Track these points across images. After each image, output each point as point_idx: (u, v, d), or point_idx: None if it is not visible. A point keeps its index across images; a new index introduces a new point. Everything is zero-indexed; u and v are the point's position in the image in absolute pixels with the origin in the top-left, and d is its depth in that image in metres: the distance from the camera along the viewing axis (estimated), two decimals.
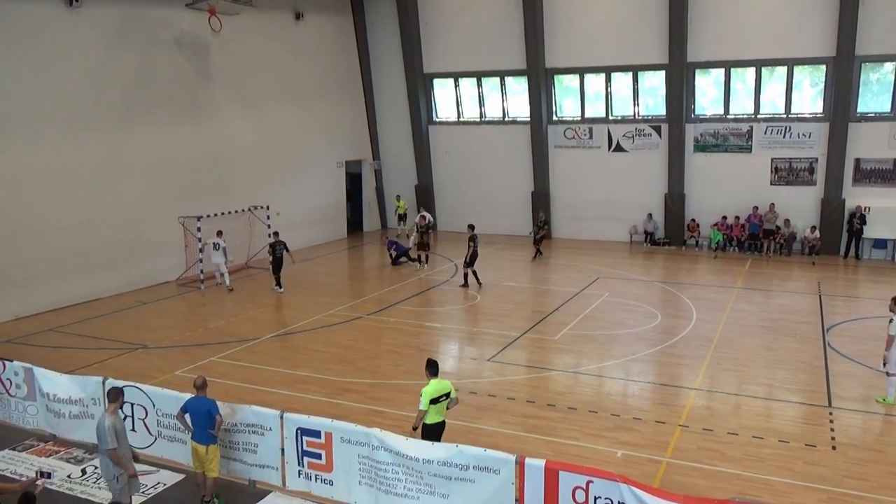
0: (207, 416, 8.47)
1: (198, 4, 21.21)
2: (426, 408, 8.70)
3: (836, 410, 11.64)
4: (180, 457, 9.48)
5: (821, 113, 24.61)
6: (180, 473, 9.48)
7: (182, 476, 9.45)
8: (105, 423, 7.91)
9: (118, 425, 8.05)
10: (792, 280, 21.58)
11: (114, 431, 7.90)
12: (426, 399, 8.68)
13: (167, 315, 18.32)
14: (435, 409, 8.81)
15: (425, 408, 8.70)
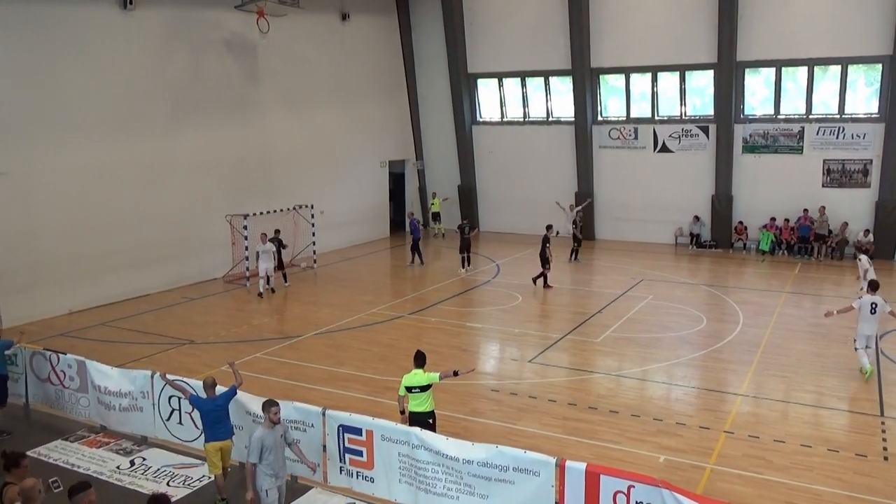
0: (224, 409, 8.70)
1: (246, 6, 21.60)
2: (402, 393, 9.47)
3: (889, 420, 11.31)
4: None
5: (876, 113, 23.92)
6: None
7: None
8: (254, 436, 7.68)
9: (268, 440, 7.61)
10: (844, 285, 21.00)
11: (260, 445, 7.56)
12: (402, 385, 9.47)
13: (213, 311, 18.70)
14: (413, 399, 9.36)
15: (402, 393, 9.48)
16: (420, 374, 9.41)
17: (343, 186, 27.09)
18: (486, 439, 8.82)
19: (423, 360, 9.56)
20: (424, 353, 9.70)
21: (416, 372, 9.43)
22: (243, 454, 9.21)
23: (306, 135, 25.57)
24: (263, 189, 23.37)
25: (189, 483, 9.29)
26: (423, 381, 9.32)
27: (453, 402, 12.13)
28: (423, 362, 9.54)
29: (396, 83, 30.60)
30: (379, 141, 29.47)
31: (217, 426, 8.69)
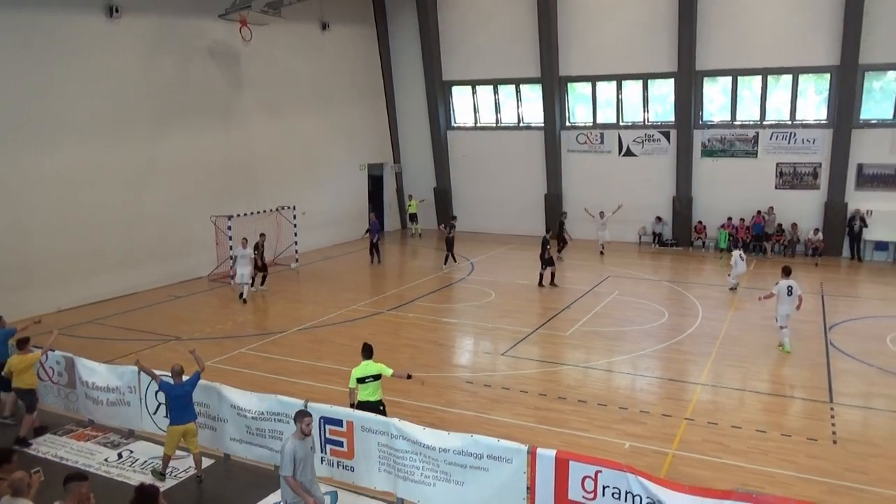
0: (189, 395, 8.91)
1: (230, 15, 21.39)
2: (353, 385, 9.38)
3: (838, 406, 11.51)
4: (211, 443, 9.57)
5: (825, 120, 24.30)
6: (210, 459, 9.56)
7: (212, 461, 9.53)
8: (286, 448, 7.20)
9: (300, 452, 7.19)
10: (795, 280, 21.28)
11: (292, 457, 7.14)
12: (352, 377, 9.40)
13: (199, 308, 18.49)
14: (363, 389, 9.36)
15: (353, 385, 9.39)
16: (371, 364, 9.49)
17: (323, 188, 26.94)
18: (462, 429, 8.81)
19: (371, 351, 9.68)
20: (371, 345, 9.82)
21: (367, 363, 9.49)
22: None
23: (288, 139, 25.37)
24: (247, 191, 23.16)
25: (175, 475, 9.17)
26: (375, 370, 9.43)
27: (430, 395, 12.12)
28: (371, 353, 9.65)
29: (374, 90, 30.48)
30: (358, 145, 29.35)
31: (182, 410, 8.88)
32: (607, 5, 26.18)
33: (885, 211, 23.38)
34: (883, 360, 13.60)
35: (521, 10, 27.36)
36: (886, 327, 15.86)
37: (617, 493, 6.78)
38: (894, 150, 23.26)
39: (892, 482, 8.98)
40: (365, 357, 9.59)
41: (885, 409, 11.43)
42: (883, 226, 23.53)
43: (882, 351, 14.24)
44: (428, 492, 7.91)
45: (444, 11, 29.11)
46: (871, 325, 16.13)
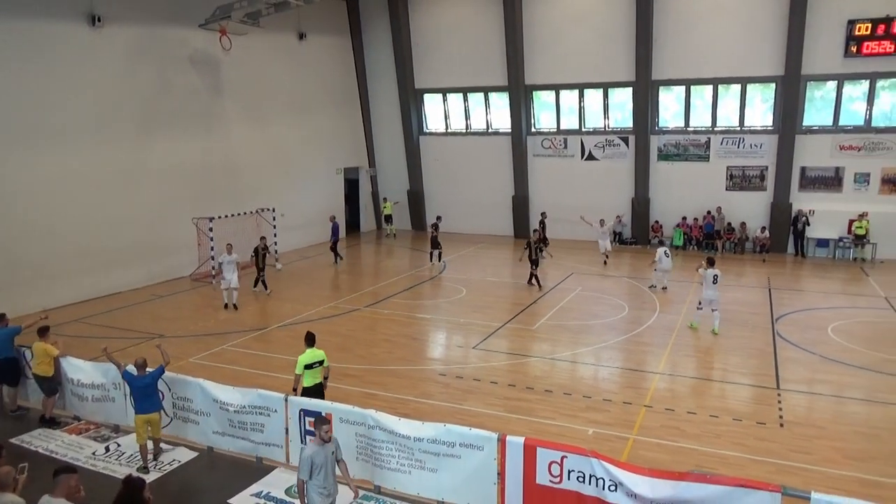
0: (151, 386, 8.94)
1: (210, 25, 21.07)
2: (300, 372, 9.50)
3: (784, 392, 11.74)
4: (194, 436, 9.44)
5: (771, 126, 24.77)
6: (193, 452, 9.43)
7: (195, 454, 9.40)
8: (304, 453, 6.88)
9: (318, 458, 6.80)
10: (744, 275, 21.73)
11: (309, 463, 6.76)
12: (300, 364, 9.51)
13: (182, 307, 18.21)
14: (310, 374, 9.56)
15: (300, 371, 9.50)
16: (317, 351, 9.79)
17: (301, 191, 26.71)
18: (435, 419, 8.81)
19: (313, 339, 9.90)
20: (314, 332, 10.05)
21: (312, 350, 9.74)
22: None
23: (267, 144, 25.10)
24: (227, 194, 22.85)
25: (159, 467, 9.03)
26: (320, 356, 9.73)
27: (405, 386, 12.10)
28: (314, 341, 9.88)
29: (350, 97, 30.31)
30: (334, 150, 29.15)
31: (145, 400, 8.91)
32: (570, 18, 26.36)
33: (826, 210, 23.94)
34: (825, 349, 13.91)
35: (489, 22, 27.43)
36: (828, 318, 16.23)
37: (581, 476, 6.84)
38: (834, 154, 23.83)
39: (834, 461, 9.20)
40: (308, 345, 9.78)
41: (827, 393, 11.70)
42: (824, 224, 24.07)
43: (824, 340, 14.57)
44: (404, 479, 7.90)
45: (416, 23, 29.07)
46: (814, 317, 16.49)
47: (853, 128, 23.64)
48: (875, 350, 13.80)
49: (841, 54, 22.77)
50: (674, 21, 24.68)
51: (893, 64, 22.36)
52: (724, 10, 24.08)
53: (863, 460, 9.23)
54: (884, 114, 23.33)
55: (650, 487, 6.44)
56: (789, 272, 22.38)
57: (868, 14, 22.20)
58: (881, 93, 23.20)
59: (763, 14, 23.56)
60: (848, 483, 8.58)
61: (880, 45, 22.21)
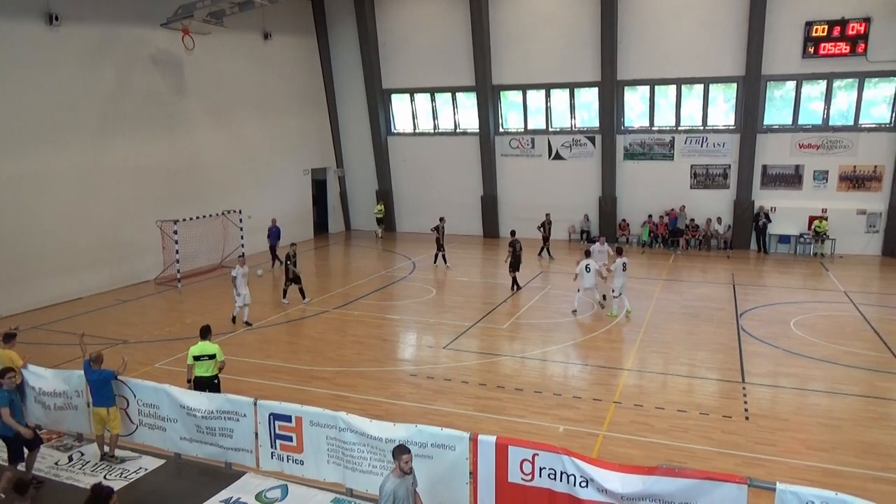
0: (107, 384, 9.10)
1: (172, 24, 20.72)
2: (190, 362, 9.92)
3: (749, 385, 11.98)
4: (161, 443, 9.25)
5: (733, 125, 25.28)
6: (160, 459, 9.25)
7: (162, 461, 9.21)
8: (385, 488, 6.18)
9: (400, 491, 6.18)
10: (710, 272, 22.13)
11: (391, 498, 6.15)
12: (189, 355, 9.94)
13: (147, 312, 17.85)
14: (199, 366, 9.89)
15: (190, 362, 9.93)
16: (208, 344, 10.01)
17: (269, 192, 26.41)
18: (407, 419, 8.79)
19: (206, 333, 10.14)
20: (209, 326, 10.28)
21: (203, 343, 10.00)
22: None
23: (233, 145, 24.77)
24: (193, 196, 22.49)
25: (126, 475, 8.83)
26: (208, 350, 9.94)
27: (375, 388, 12.04)
28: (206, 335, 10.11)
29: (317, 97, 30.07)
30: (301, 150, 28.90)
31: (96, 394, 9.10)
32: (536, 19, 26.54)
33: (787, 207, 24.55)
34: (788, 343, 14.24)
35: (456, 22, 27.47)
36: (790, 312, 16.62)
37: (553, 473, 6.87)
38: (794, 153, 24.43)
39: (797, 452, 9.42)
40: (202, 338, 10.08)
41: (791, 386, 11.97)
42: (785, 221, 24.67)
43: (787, 334, 14.91)
44: (376, 481, 7.82)
45: (383, 23, 28.97)
46: (777, 311, 16.87)
47: (812, 127, 24.27)
48: (835, 343, 14.17)
49: (799, 55, 23.36)
50: (638, 22, 25.04)
51: (849, 64, 23.02)
52: (687, 11, 24.51)
53: (825, 450, 9.47)
54: (840, 113, 24.00)
55: (620, 483, 6.51)
56: (752, 268, 22.85)
57: (824, 16, 22.83)
58: (838, 92, 23.87)
59: (724, 16, 24.04)
60: (811, 473, 8.79)
61: (836, 47, 22.85)
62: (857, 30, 22.50)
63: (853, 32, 22.57)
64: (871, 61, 22.68)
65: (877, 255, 23.85)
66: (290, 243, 19.02)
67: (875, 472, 8.89)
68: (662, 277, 21.05)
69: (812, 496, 5.75)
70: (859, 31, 22.49)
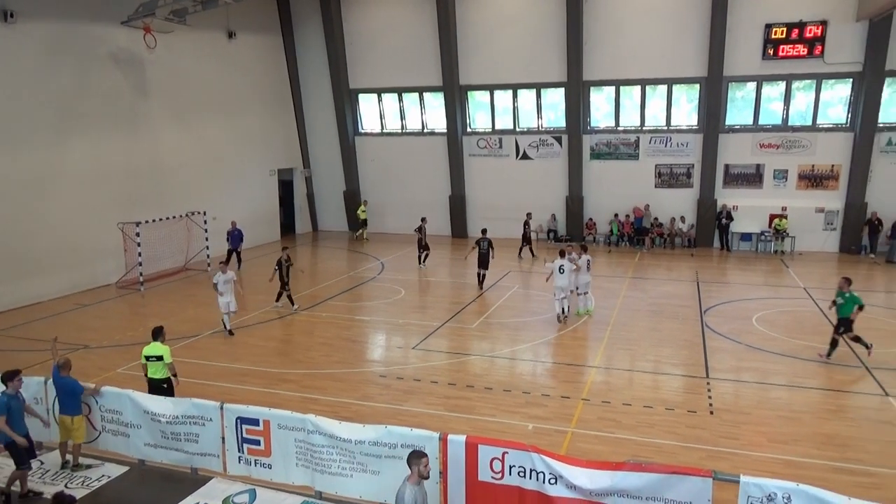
0: (73, 392, 8.83)
1: (133, 22, 20.31)
2: (143, 362, 10.01)
3: (713, 381, 12.21)
4: (124, 450, 9.06)
5: (696, 125, 25.76)
6: (124, 466, 9.05)
7: (126, 468, 9.02)
8: (404, 497, 5.95)
9: (419, 498, 6.02)
10: (674, 270, 22.50)
11: None
12: (142, 355, 10.01)
13: (108, 316, 17.47)
14: (150, 367, 9.96)
15: (143, 361, 10.01)
16: (158, 345, 9.93)
17: (234, 194, 26.06)
18: (376, 421, 8.77)
19: (157, 334, 10.06)
20: (161, 327, 10.20)
21: (153, 344, 9.97)
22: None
23: (197, 145, 24.37)
24: (156, 197, 22.08)
25: (87, 483, 8.62)
26: (156, 351, 9.87)
27: (345, 389, 11.98)
28: (157, 336, 10.04)
29: (283, 97, 29.77)
30: (267, 151, 28.58)
31: (62, 402, 8.89)
32: (502, 20, 26.68)
33: (749, 206, 25.10)
34: (750, 338, 14.56)
35: (423, 22, 27.46)
36: (752, 309, 16.99)
37: (522, 471, 6.92)
38: (755, 152, 25.00)
39: (760, 445, 9.64)
40: (153, 338, 10.04)
41: (753, 381, 12.24)
42: (747, 219, 25.23)
43: (749, 330, 15.24)
44: (345, 483, 7.81)
45: (350, 22, 28.82)
46: (740, 308, 17.23)
47: (771, 127, 24.87)
48: (795, 338, 14.54)
49: (759, 57, 23.91)
50: (603, 24, 25.34)
51: (807, 66, 23.64)
52: (651, 13, 24.89)
53: (786, 443, 9.71)
54: (799, 113, 24.64)
55: (589, 479, 6.58)
56: (716, 265, 23.30)
57: (783, 18, 23.42)
58: (796, 93, 24.50)
59: (687, 17, 24.48)
60: (773, 465, 9.00)
61: (794, 49, 23.45)
62: (815, 32, 23.13)
63: (810, 35, 23.19)
64: (827, 63, 23.34)
65: (834, 251, 24.53)
66: (283, 247, 18.40)
67: (834, 462, 9.14)
68: (628, 275, 21.33)
69: (774, 488, 5.90)
70: (816, 34, 23.12)
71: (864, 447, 9.56)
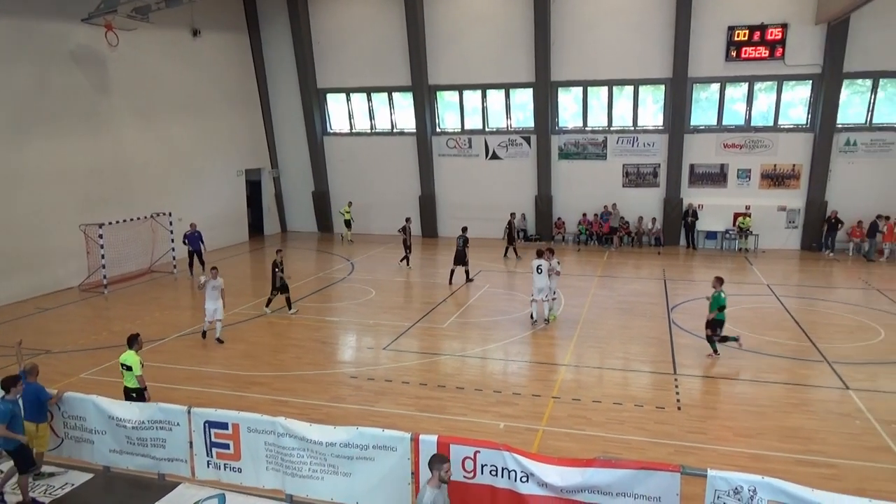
0: (39, 399, 8.57)
1: (94, 20, 19.86)
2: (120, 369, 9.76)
3: (680, 377, 12.42)
4: (89, 456, 8.85)
5: (661, 126, 26.14)
6: (88, 473, 8.85)
7: (90, 475, 8.82)
8: (424, 501, 6.00)
9: (440, 501, 6.07)
10: (642, 268, 22.81)
11: None
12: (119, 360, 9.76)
13: (71, 320, 17.06)
14: (124, 375, 9.72)
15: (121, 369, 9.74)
16: (129, 354, 9.66)
17: (200, 194, 25.67)
18: (348, 422, 8.72)
19: (131, 342, 9.76)
20: (135, 335, 9.86)
21: (127, 352, 9.71)
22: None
23: (162, 145, 23.94)
24: (119, 198, 21.63)
25: (50, 492, 8.42)
26: (127, 360, 9.61)
27: (315, 391, 11.89)
28: (131, 344, 9.74)
29: (249, 96, 29.41)
30: (234, 151, 28.21)
31: (29, 409, 8.56)
32: (471, 20, 26.74)
33: (713, 205, 25.58)
34: None
35: (391, 22, 27.38)
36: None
37: (494, 470, 6.95)
38: (719, 152, 25.48)
39: (726, 439, 9.83)
40: (128, 346, 9.76)
41: (718, 376, 12.48)
42: (711, 217, 25.70)
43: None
44: (317, 486, 7.76)
45: (317, 21, 28.60)
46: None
47: (735, 127, 25.37)
48: (759, 334, 14.86)
49: (723, 58, 24.37)
50: (570, 25, 25.57)
51: (768, 68, 24.18)
52: (617, 15, 25.19)
53: (751, 436, 9.92)
54: (761, 114, 25.19)
55: (560, 476, 6.64)
56: (682, 264, 23.68)
57: (745, 21, 23.91)
58: (759, 94, 25.03)
59: (652, 20, 24.83)
60: (739, 459, 9.19)
61: (756, 51, 23.96)
62: (776, 35, 23.66)
63: (772, 38, 23.72)
64: (788, 65, 23.90)
65: (796, 249, 25.13)
66: (277, 250, 17.51)
67: (798, 454, 9.37)
68: (597, 274, 21.57)
69: (740, 481, 6.02)
70: (777, 37, 23.65)
71: (826, 439, 9.82)
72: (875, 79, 23.62)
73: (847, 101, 24.08)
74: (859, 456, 9.32)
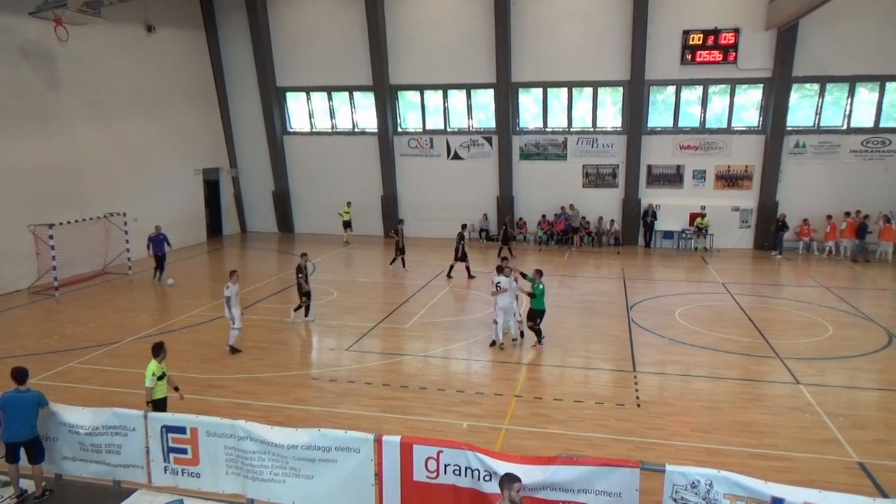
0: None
1: (42, 14, 19.22)
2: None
3: (639, 374, 12.64)
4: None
5: (620, 127, 26.57)
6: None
7: (42, 482, 8.53)
8: None
9: None
10: (602, 267, 23.14)
11: None
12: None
13: (19, 323, 16.49)
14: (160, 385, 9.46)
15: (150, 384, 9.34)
16: (152, 364, 9.38)
17: (156, 194, 25.08)
18: (310, 424, 8.64)
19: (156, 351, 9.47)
20: (159, 344, 9.53)
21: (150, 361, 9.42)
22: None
23: (116, 143, 23.31)
24: (71, 198, 20.99)
25: (0, 502, 8.14)
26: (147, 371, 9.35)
27: (276, 393, 11.74)
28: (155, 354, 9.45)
29: (207, 94, 28.84)
30: (191, 149, 27.64)
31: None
32: (432, 20, 26.73)
33: (670, 205, 26.11)
34: (673, 332, 15.14)
35: (352, 21, 27.20)
36: (675, 304, 17.67)
37: (457, 469, 6.96)
38: (675, 154, 26.02)
39: (683, 435, 10.04)
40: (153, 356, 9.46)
41: (676, 373, 12.74)
42: (669, 217, 26.23)
43: (672, 324, 15.85)
44: (278, 489, 7.66)
45: (276, 19, 28.23)
46: (663, 303, 17.89)
47: (690, 129, 25.94)
48: (715, 331, 15.22)
49: (678, 62, 24.89)
50: (530, 27, 25.79)
51: (722, 71, 24.78)
52: (576, 18, 25.49)
53: (708, 432, 10.16)
54: (716, 116, 25.81)
55: (522, 474, 6.67)
56: (640, 263, 24.10)
57: (699, 25, 24.46)
58: (713, 97, 25.64)
59: (610, 23, 25.21)
60: (696, 454, 9.40)
61: (710, 55, 24.54)
62: (728, 40, 24.27)
63: (725, 42, 24.33)
64: (740, 69, 24.54)
65: (749, 248, 25.82)
66: (301, 253, 16.75)
67: (752, 448, 9.63)
68: (558, 273, 21.80)
69: (697, 475, 6.16)
70: (730, 41, 24.27)
71: (778, 433, 10.12)
72: (822, 83, 24.44)
73: (796, 104, 24.86)
74: (809, 448, 9.63)
